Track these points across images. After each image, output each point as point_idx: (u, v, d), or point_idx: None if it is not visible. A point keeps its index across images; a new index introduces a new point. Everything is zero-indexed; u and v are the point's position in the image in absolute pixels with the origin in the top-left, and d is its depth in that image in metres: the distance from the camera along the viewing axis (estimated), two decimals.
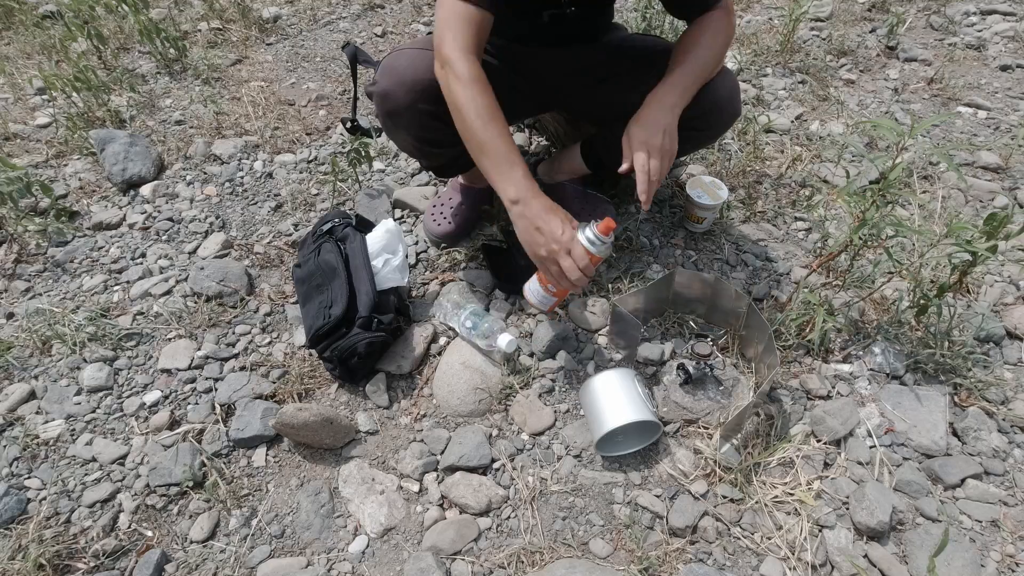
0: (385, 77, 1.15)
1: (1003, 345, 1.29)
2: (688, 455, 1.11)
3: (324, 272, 1.27)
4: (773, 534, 1.01)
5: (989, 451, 1.10)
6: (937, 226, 1.55)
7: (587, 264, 1.00)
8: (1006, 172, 1.73)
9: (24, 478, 1.11)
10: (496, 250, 1.42)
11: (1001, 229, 1.05)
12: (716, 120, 1.23)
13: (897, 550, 0.99)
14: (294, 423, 1.10)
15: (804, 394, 1.19)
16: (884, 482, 1.07)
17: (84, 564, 1.00)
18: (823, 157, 1.78)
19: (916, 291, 1.23)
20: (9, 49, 2.52)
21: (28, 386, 1.25)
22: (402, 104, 1.14)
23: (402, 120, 1.18)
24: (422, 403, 1.22)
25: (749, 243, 1.51)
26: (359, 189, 1.69)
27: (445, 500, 1.08)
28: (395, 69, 1.14)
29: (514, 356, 1.24)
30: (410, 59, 1.13)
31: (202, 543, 1.04)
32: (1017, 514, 1.03)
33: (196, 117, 2.04)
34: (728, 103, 1.20)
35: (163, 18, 2.57)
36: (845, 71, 2.22)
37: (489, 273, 1.41)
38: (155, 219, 1.65)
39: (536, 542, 1.01)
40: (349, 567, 1.00)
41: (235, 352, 1.31)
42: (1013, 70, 2.19)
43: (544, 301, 1.15)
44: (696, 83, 1.11)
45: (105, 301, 1.43)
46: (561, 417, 1.18)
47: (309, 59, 2.39)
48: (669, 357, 1.25)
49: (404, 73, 1.13)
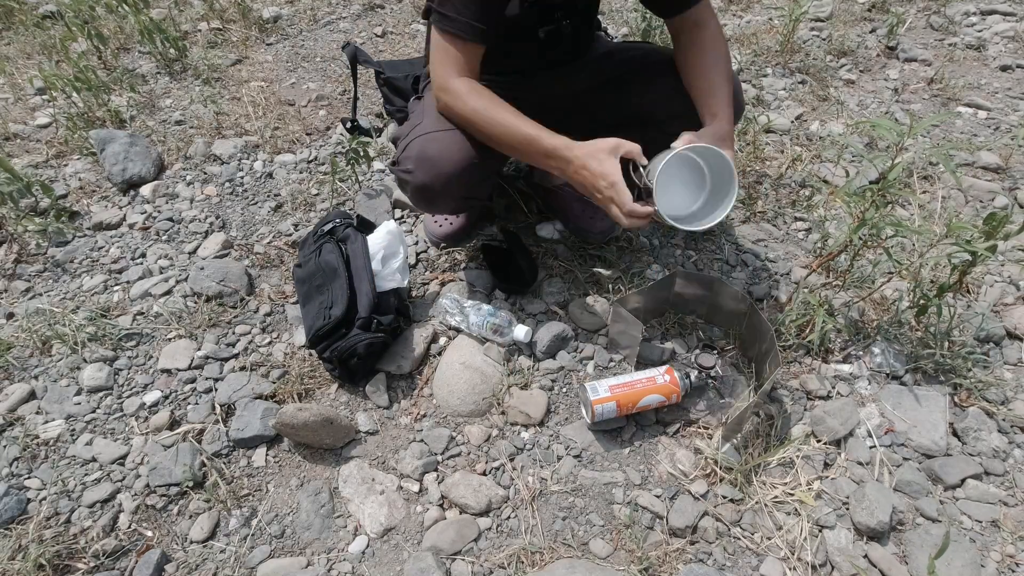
0: (421, 169, 1.13)
1: (1003, 345, 1.29)
2: (688, 455, 1.11)
3: (325, 273, 1.27)
4: (773, 534, 1.01)
5: (989, 451, 1.10)
6: (937, 226, 1.55)
7: (632, 208, 0.97)
8: (1006, 172, 1.73)
9: (24, 478, 1.11)
10: (496, 250, 1.42)
11: (1001, 229, 1.05)
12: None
13: (897, 550, 0.99)
14: (294, 423, 1.10)
15: (804, 394, 1.19)
16: (884, 482, 1.07)
17: (84, 564, 1.00)
18: (823, 157, 1.78)
19: (916, 291, 1.23)
20: (9, 49, 2.52)
21: (28, 386, 1.25)
22: (441, 194, 1.16)
23: (439, 205, 1.28)
24: (422, 403, 1.22)
25: (749, 243, 1.51)
26: (359, 189, 1.69)
27: (445, 500, 1.08)
28: (429, 160, 1.12)
29: (532, 347, 1.27)
30: (441, 146, 1.12)
31: (202, 543, 1.04)
32: (1017, 514, 1.03)
33: (196, 117, 2.04)
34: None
35: (163, 18, 2.57)
36: (845, 71, 2.22)
37: (489, 273, 1.41)
38: (155, 219, 1.65)
39: (536, 542, 1.01)
40: (349, 567, 1.00)
41: (235, 352, 1.31)
42: (1013, 70, 2.19)
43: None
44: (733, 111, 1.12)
45: (105, 301, 1.43)
46: (558, 409, 1.18)
47: (309, 59, 2.39)
48: (669, 357, 1.25)
49: (440, 164, 1.11)
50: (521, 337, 1.23)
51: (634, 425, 1.16)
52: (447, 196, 1.19)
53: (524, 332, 1.23)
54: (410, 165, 1.14)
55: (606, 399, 1.09)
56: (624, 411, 1.11)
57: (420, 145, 1.13)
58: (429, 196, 1.18)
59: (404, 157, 1.15)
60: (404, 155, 1.15)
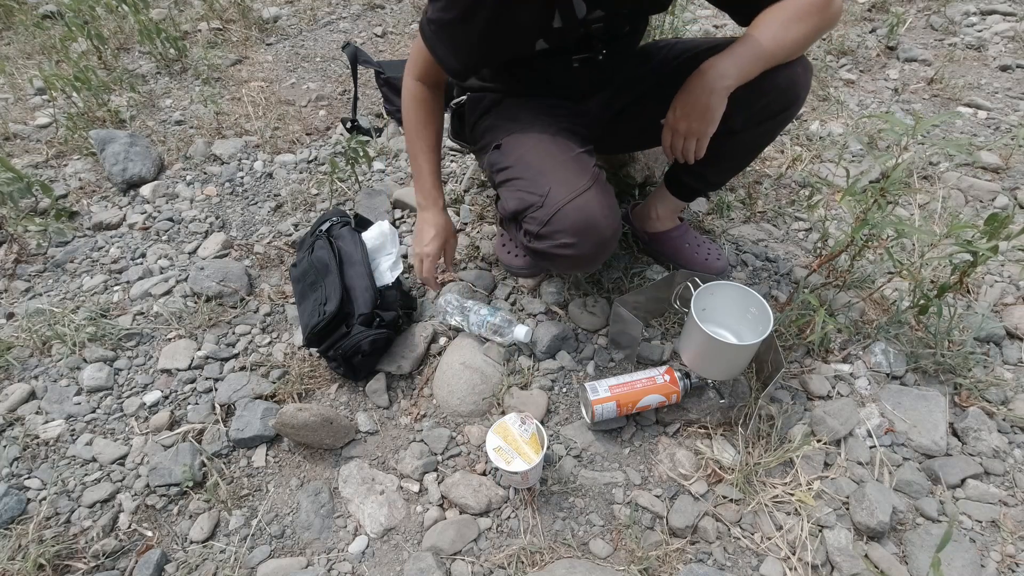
0: (585, 240, 1.01)
1: (1003, 345, 1.29)
2: (688, 455, 1.11)
3: (317, 270, 1.27)
4: (773, 534, 1.01)
5: (989, 451, 1.10)
6: (937, 226, 1.55)
7: (427, 277, 1.22)
8: (1006, 172, 1.73)
9: (24, 478, 1.11)
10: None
11: (1002, 230, 1.05)
12: (762, 106, 1.06)
13: (897, 550, 0.99)
14: (294, 423, 1.10)
15: (804, 394, 1.19)
16: (884, 482, 1.07)
17: (84, 564, 1.00)
18: (823, 157, 1.78)
19: (916, 291, 1.23)
20: (9, 49, 2.52)
21: (28, 386, 1.25)
22: (600, 256, 1.06)
23: (592, 268, 1.21)
24: (422, 403, 1.22)
25: (749, 243, 1.50)
26: (359, 189, 1.69)
27: (445, 500, 1.08)
28: (592, 227, 1.01)
29: (532, 347, 1.27)
30: (596, 210, 1.01)
31: (202, 543, 1.04)
32: (1017, 514, 1.03)
33: (196, 117, 2.04)
34: (785, 92, 1.04)
35: (163, 18, 2.57)
36: (845, 71, 2.22)
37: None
38: (155, 219, 1.65)
39: (536, 542, 1.01)
40: (349, 567, 1.00)
41: (235, 352, 1.31)
42: (1013, 70, 2.19)
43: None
44: (760, 60, 0.96)
45: (105, 301, 1.43)
46: (558, 409, 1.18)
47: (309, 59, 2.39)
48: (669, 357, 1.25)
49: (602, 229, 1.02)
50: (521, 337, 1.23)
51: (634, 425, 1.16)
52: (604, 257, 1.07)
53: (524, 332, 1.23)
54: (568, 239, 1.00)
55: (606, 399, 1.09)
56: (624, 411, 1.11)
57: (574, 214, 0.99)
58: (589, 263, 1.07)
59: (556, 231, 1.00)
60: (555, 229, 1.00)
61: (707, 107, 0.97)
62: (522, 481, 1.03)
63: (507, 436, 1.02)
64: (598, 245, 1.02)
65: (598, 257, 1.05)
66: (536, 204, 1.02)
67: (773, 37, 0.96)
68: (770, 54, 0.97)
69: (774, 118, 1.09)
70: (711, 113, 0.97)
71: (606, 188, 1.05)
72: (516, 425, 1.03)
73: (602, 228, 1.00)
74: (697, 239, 1.40)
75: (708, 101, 0.97)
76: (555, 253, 1.03)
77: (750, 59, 0.96)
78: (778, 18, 0.96)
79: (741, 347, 1.06)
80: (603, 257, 1.07)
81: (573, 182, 1.01)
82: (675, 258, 1.40)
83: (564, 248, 1.01)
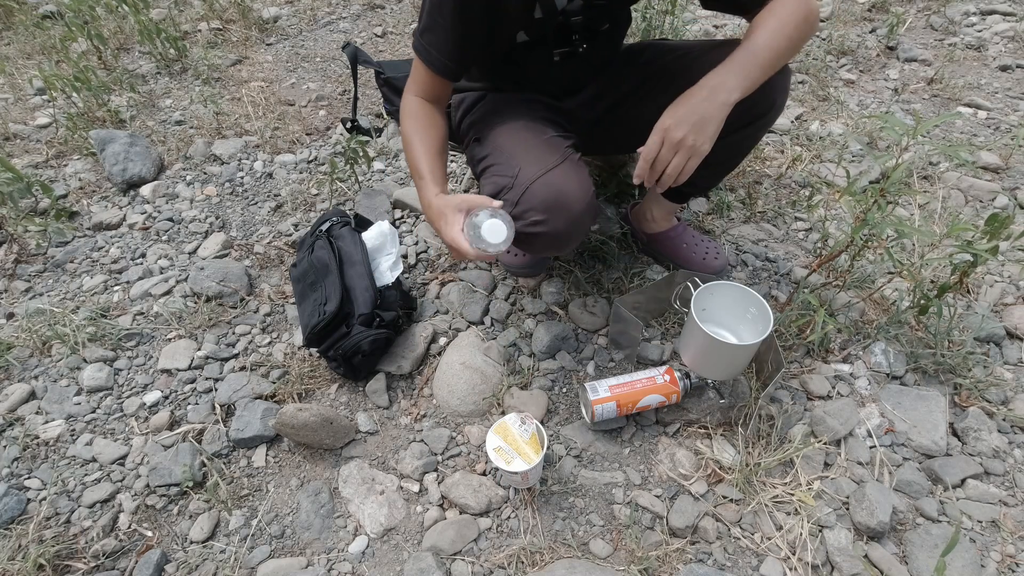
0: (554, 216, 1.00)
1: (1003, 345, 1.29)
2: (688, 455, 1.11)
3: (317, 270, 1.27)
4: (773, 534, 1.01)
5: (989, 451, 1.10)
6: (937, 226, 1.55)
7: (468, 254, 0.98)
8: (1006, 172, 1.73)
9: (24, 478, 1.11)
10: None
11: (1002, 230, 1.05)
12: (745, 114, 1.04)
13: (897, 550, 0.99)
14: (294, 423, 1.10)
15: (804, 394, 1.19)
16: (884, 482, 1.07)
17: (84, 564, 1.00)
18: (823, 157, 1.78)
19: (916, 291, 1.23)
20: (9, 49, 2.52)
21: (28, 386, 1.25)
22: (574, 235, 1.05)
23: (568, 247, 1.11)
24: (422, 403, 1.22)
25: (749, 243, 1.50)
26: (359, 189, 1.69)
27: (445, 500, 1.08)
28: (560, 203, 1.00)
29: (505, 251, 1.00)
30: (565, 185, 1.01)
31: (202, 543, 1.04)
32: (1017, 514, 1.03)
33: (196, 117, 2.04)
34: (764, 97, 1.03)
35: (163, 18, 2.57)
36: (845, 71, 2.22)
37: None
38: (155, 219, 1.65)
39: (536, 542, 1.01)
40: (349, 567, 1.00)
41: (235, 352, 1.31)
42: (1013, 70, 2.19)
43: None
44: (763, 68, 0.95)
45: (105, 301, 1.43)
46: (558, 409, 1.18)
47: (309, 59, 2.39)
48: (669, 357, 1.25)
49: (571, 204, 1.00)
50: (492, 239, 0.94)
51: (634, 425, 1.16)
52: (579, 236, 1.06)
53: (488, 226, 0.94)
54: (538, 216, 0.99)
55: (606, 399, 1.09)
56: (624, 411, 1.11)
57: (542, 191, 0.99)
58: (562, 241, 1.04)
59: (526, 210, 0.99)
60: (525, 208, 1.00)
61: (709, 118, 0.93)
62: (522, 481, 1.03)
63: (507, 436, 1.02)
64: (570, 222, 1.00)
65: (572, 235, 1.03)
66: (508, 186, 1.02)
67: (769, 46, 0.95)
68: (770, 64, 0.96)
69: (752, 123, 1.10)
70: (711, 126, 0.93)
71: (578, 165, 1.04)
72: (516, 425, 1.03)
73: (571, 203, 0.99)
74: (695, 238, 1.41)
75: (711, 112, 0.93)
76: (527, 232, 1.01)
77: (754, 68, 0.95)
78: (770, 27, 0.96)
79: (741, 347, 1.06)
80: (577, 235, 1.05)
81: (544, 160, 1.02)
82: (674, 258, 1.41)
83: (535, 226, 1.00)
